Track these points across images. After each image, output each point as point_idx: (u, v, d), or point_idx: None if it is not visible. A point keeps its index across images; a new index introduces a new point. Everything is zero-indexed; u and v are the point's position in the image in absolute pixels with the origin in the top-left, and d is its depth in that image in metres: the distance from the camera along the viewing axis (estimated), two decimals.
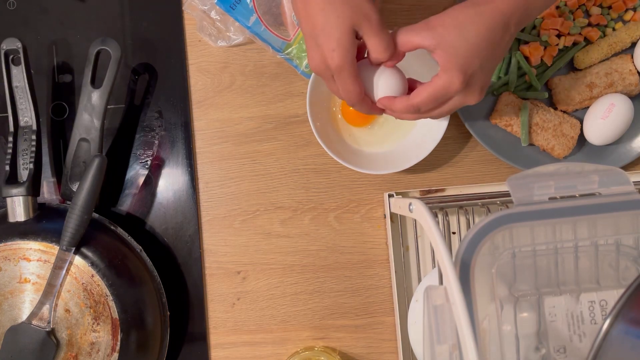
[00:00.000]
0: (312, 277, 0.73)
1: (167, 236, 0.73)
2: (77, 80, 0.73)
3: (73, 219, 0.63)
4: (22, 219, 0.66)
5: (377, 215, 0.73)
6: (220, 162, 0.74)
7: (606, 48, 0.71)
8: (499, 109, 0.71)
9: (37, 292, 0.64)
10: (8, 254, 0.64)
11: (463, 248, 0.49)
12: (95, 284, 0.64)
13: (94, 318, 0.64)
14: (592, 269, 0.58)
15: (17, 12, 0.73)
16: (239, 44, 0.73)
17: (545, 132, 0.70)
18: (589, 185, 0.52)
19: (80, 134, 0.68)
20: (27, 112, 0.67)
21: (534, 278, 0.58)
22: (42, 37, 0.73)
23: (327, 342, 0.73)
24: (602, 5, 0.72)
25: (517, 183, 0.52)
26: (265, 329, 0.73)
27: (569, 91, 0.70)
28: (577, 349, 0.57)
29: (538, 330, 0.57)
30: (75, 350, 0.64)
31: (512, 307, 0.57)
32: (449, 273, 0.46)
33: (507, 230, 0.50)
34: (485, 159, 0.74)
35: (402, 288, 0.71)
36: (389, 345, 0.73)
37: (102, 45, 0.67)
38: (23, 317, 0.64)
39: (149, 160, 0.73)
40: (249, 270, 0.73)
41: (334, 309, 0.73)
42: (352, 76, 0.56)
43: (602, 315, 0.57)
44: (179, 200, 0.73)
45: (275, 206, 0.73)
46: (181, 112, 0.73)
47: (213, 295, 0.73)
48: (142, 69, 0.74)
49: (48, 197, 0.72)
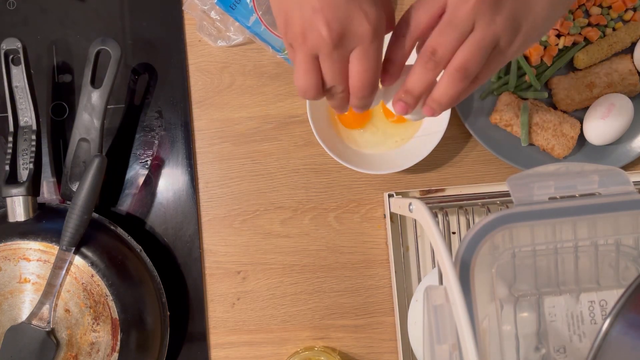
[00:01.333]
0: (312, 277, 0.73)
1: (167, 236, 0.73)
2: (77, 80, 0.73)
3: (73, 219, 0.63)
4: (22, 219, 0.66)
5: (377, 215, 0.73)
6: (220, 162, 0.73)
7: (606, 48, 0.71)
8: (499, 109, 0.71)
9: (37, 292, 0.64)
10: (8, 254, 0.64)
11: (463, 248, 0.49)
12: (95, 284, 0.64)
13: (94, 318, 0.64)
14: (592, 269, 0.58)
15: (17, 12, 0.73)
16: (238, 43, 0.73)
17: (545, 132, 0.70)
18: (589, 185, 0.52)
19: (80, 133, 0.68)
20: (27, 112, 0.67)
21: (533, 278, 0.58)
22: (42, 37, 0.73)
23: (327, 342, 0.73)
24: (602, 5, 0.72)
25: (517, 183, 0.52)
26: (265, 329, 0.73)
27: (568, 91, 0.70)
28: (577, 349, 0.57)
29: (538, 330, 0.57)
30: (75, 350, 0.64)
31: (512, 307, 0.57)
32: (449, 273, 0.46)
33: (507, 230, 0.50)
34: (485, 159, 0.74)
35: (402, 288, 0.71)
36: (389, 345, 0.73)
37: (102, 45, 0.67)
38: (23, 317, 0.64)
39: (149, 160, 0.73)
40: (249, 270, 0.73)
41: (334, 309, 0.73)
42: (380, 48, 0.43)
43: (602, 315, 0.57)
44: (179, 200, 0.73)
45: (275, 206, 0.73)
46: (181, 112, 0.73)
47: (213, 295, 0.73)
48: (142, 69, 0.74)
49: (48, 197, 0.72)
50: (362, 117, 0.71)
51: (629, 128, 0.70)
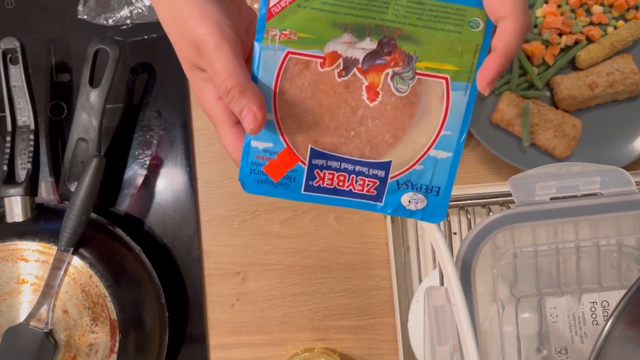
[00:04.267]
0: (312, 278, 0.73)
1: (166, 236, 0.73)
2: (76, 79, 0.73)
3: (71, 219, 0.63)
4: (20, 219, 0.65)
5: (377, 216, 0.73)
6: (220, 161, 0.73)
7: (608, 47, 0.71)
8: (500, 109, 0.70)
9: (35, 292, 0.64)
10: (6, 255, 0.64)
11: (464, 248, 0.49)
12: (94, 284, 0.64)
13: (93, 319, 0.64)
14: (594, 269, 0.58)
15: (15, 11, 0.73)
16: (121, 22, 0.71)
17: (547, 132, 0.70)
18: (591, 185, 0.52)
19: (79, 133, 0.67)
20: (25, 112, 0.67)
21: (535, 279, 0.58)
22: (40, 36, 0.73)
23: (327, 343, 0.73)
24: (603, 3, 0.72)
25: (518, 183, 0.52)
26: (264, 330, 0.73)
27: (570, 91, 0.70)
28: (579, 350, 0.57)
29: (539, 331, 0.57)
30: (74, 352, 0.64)
31: (513, 308, 0.57)
32: (450, 274, 0.45)
33: (509, 230, 0.50)
34: (486, 159, 0.74)
35: (402, 289, 0.71)
36: (390, 347, 0.73)
37: (100, 45, 0.67)
38: (21, 318, 0.63)
39: (148, 160, 0.73)
40: (249, 270, 0.73)
41: (334, 310, 0.73)
42: None
43: (603, 316, 0.57)
44: (177, 201, 0.73)
45: (275, 206, 0.73)
46: (180, 112, 0.73)
47: (212, 296, 0.73)
48: (141, 69, 0.73)
49: (46, 197, 0.72)
50: None
51: (629, 128, 0.70)
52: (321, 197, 0.42)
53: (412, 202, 0.42)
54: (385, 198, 0.42)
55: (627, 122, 0.72)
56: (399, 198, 0.42)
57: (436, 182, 0.42)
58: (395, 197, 0.42)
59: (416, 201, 0.42)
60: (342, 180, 0.42)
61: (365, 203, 0.42)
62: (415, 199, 0.42)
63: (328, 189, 0.42)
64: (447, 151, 0.42)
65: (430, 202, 0.43)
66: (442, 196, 0.43)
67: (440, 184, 0.43)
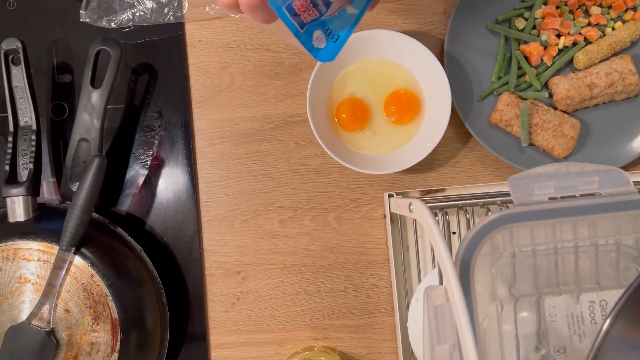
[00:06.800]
0: (312, 277, 0.73)
1: (167, 236, 0.73)
2: (77, 80, 0.73)
3: (73, 219, 0.63)
4: (22, 219, 0.66)
5: (377, 216, 0.73)
6: (220, 162, 0.73)
7: (606, 48, 0.71)
8: (499, 109, 0.71)
9: (36, 292, 0.64)
10: (8, 254, 0.64)
11: (463, 248, 0.49)
12: (95, 284, 0.64)
13: (94, 318, 0.64)
14: (592, 269, 0.58)
15: (17, 11, 0.73)
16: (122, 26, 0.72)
17: (545, 132, 0.70)
18: (589, 185, 0.53)
19: (80, 134, 0.68)
20: (27, 112, 0.67)
21: (534, 278, 0.58)
22: (42, 37, 0.73)
23: (327, 342, 0.73)
24: (602, 5, 0.72)
25: (517, 183, 0.52)
26: (265, 329, 0.73)
27: (569, 91, 0.70)
28: (577, 349, 0.57)
29: (538, 331, 0.57)
30: (75, 351, 0.64)
31: (512, 307, 0.57)
32: (449, 273, 0.46)
33: (507, 230, 0.50)
34: (485, 159, 0.74)
35: (402, 288, 0.71)
36: (389, 346, 0.73)
37: (102, 45, 0.67)
38: (23, 317, 0.64)
39: (149, 160, 0.73)
40: (249, 270, 0.73)
41: (334, 309, 0.73)
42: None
43: (602, 315, 0.57)
44: (178, 200, 0.73)
45: (275, 206, 0.73)
46: (181, 112, 0.73)
47: (213, 295, 0.73)
48: (142, 69, 0.74)
49: (48, 197, 0.72)
50: (361, 120, 0.71)
51: (629, 128, 0.71)
52: (286, 16, 0.45)
53: (319, 40, 0.48)
54: (308, 27, 0.47)
55: (626, 122, 0.72)
56: (313, 31, 0.48)
57: (339, 31, 0.49)
58: (313, 29, 0.48)
59: (320, 40, 0.48)
60: (306, 9, 0.47)
61: (292, 24, 0.46)
62: (321, 38, 0.48)
63: (297, 14, 0.46)
64: (356, 9, 0.49)
65: (328, 45, 0.49)
66: (338, 43, 0.49)
67: (341, 34, 0.49)
